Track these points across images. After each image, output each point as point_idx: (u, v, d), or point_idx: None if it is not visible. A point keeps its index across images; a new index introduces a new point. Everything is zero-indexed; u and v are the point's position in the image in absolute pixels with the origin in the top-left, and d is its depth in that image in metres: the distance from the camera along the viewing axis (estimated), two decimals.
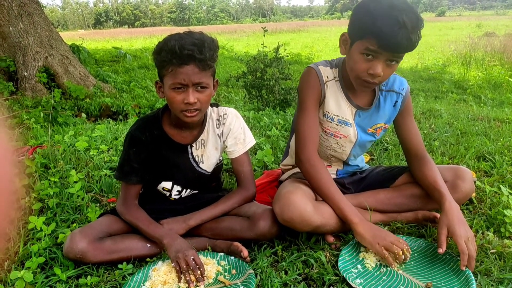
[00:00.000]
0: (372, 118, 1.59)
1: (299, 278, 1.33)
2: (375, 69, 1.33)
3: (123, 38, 21.10)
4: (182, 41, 1.29)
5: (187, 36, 1.32)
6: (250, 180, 1.59)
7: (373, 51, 1.31)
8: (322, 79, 1.51)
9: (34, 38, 4.99)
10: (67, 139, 2.62)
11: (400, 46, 1.27)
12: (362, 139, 1.61)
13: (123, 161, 1.51)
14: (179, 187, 1.59)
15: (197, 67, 1.31)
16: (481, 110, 3.74)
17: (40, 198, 1.84)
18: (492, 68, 7.01)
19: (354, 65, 1.38)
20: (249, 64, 4.08)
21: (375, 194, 1.64)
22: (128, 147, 1.50)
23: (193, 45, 1.29)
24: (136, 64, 8.10)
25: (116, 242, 1.43)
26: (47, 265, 1.43)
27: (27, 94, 4.62)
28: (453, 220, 1.33)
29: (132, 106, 4.31)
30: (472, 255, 1.27)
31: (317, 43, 14.85)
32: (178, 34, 1.34)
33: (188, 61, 1.29)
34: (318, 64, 1.55)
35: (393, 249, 1.31)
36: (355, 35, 1.36)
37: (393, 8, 1.25)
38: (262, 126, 3.10)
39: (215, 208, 1.53)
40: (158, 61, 1.35)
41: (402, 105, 1.58)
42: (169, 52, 1.29)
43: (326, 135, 1.60)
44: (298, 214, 1.37)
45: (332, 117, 1.55)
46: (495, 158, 2.27)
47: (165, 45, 1.31)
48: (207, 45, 1.32)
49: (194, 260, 1.32)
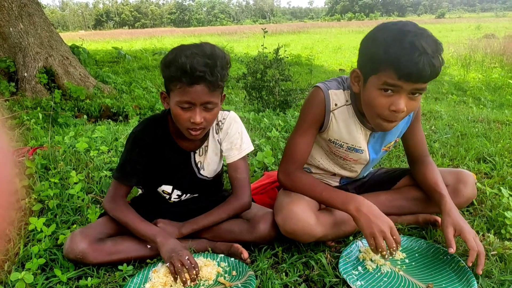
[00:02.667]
0: (386, 137, 1.51)
1: (300, 279, 1.32)
2: (397, 105, 1.18)
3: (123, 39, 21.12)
4: (194, 59, 1.22)
5: (199, 54, 1.24)
6: (244, 189, 1.49)
7: (392, 85, 1.16)
8: (328, 106, 1.39)
9: (34, 38, 4.98)
10: (67, 140, 2.62)
11: (423, 74, 1.11)
12: (373, 158, 1.54)
13: (124, 162, 1.47)
14: (179, 192, 1.57)
15: (207, 88, 1.26)
16: (481, 112, 3.74)
17: (40, 199, 1.84)
18: (492, 70, 7.01)
19: (373, 102, 1.22)
20: (249, 65, 4.08)
21: (376, 196, 1.63)
22: (131, 148, 1.46)
23: (205, 66, 1.23)
24: (136, 65, 8.10)
25: (116, 243, 1.43)
26: (48, 266, 1.42)
27: (27, 95, 4.62)
28: (457, 218, 1.33)
29: (132, 107, 4.31)
30: (482, 251, 1.26)
31: (317, 44, 14.86)
32: (189, 49, 1.25)
33: (198, 81, 1.24)
34: (329, 86, 1.40)
35: (380, 247, 1.23)
36: (368, 69, 1.22)
37: (406, 33, 1.12)
38: (262, 127, 3.10)
39: (207, 218, 1.48)
40: (166, 74, 1.30)
41: (413, 115, 1.52)
42: (179, 69, 1.23)
43: (336, 156, 1.54)
44: (301, 227, 1.35)
45: (341, 144, 1.47)
46: (495, 160, 2.27)
47: (175, 61, 1.25)
48: (219, 64, 1.26)
49: (189, 260, 1.31)
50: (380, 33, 1.18)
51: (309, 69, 6.41)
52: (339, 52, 12.09)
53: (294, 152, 1.45)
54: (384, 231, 1.24)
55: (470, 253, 1.25)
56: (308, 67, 7.36)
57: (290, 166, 1.46)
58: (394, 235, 1.25)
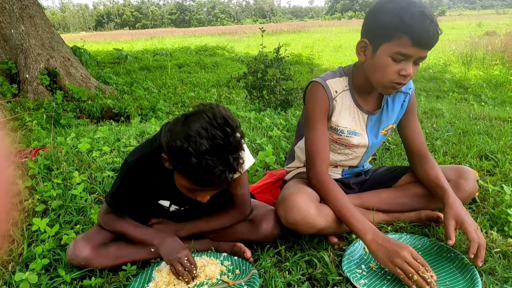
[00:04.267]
0: (383, 120, 1.58)
1: (303, 278, 1.33)
2: (407, 70, 1.30)
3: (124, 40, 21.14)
4: (215, 169, 1.08)
5: (222, 157, 1.09)
6: (245, 203, 1.49)
7: (404, 54, 1.27)
8: (330, 95, 1.47)
9: (35, 40, 5.00)
10: (70, 141, 2.62)
11: (432, 39, 1.25)
12: (373, 143, 1.60)
13: (117, 189, 1.38)
14: (176, 206, 1.54)
15: (225, 184, 1.17)
16: (482, 109, 3.73)
17: (43, 200, 1.84)
18: (493, 67, 7.00)
19: (385, 69, 1.32)
20: (250, 64, 4.08)
21: (378, 193, 1.64)
22: (126, 177, 1.36)
23: (224, 182, 1.13)
24: (137, 65, 8.11)
25: (120, 248, 1.42)
26: (51, 266, 1.43)
27: (29, 96, 4.63)
28: (460, 211, 1.34)
29: (134, 107, 4.31)
30: (482, 244, 1.27)
31: (317, 43, 14.85)
32: (212, 147, 1.07)
33: (214, 186, 1.17)
34: (324, 78, 1.50)
35: (408, 272, 1.18)
36: (379, 38, 1.30)
37: (414, 4, 1.24)
38: (263, 126, 3.10)
39: (206, 224, 1.48)
40: (174, 157, 1.12)
41: (408, 104, 1.59)
42: (200, 178, 1.10)
43: (338, 144, 1.59)
44: (302, 217, 1.36)
45: (341, 130, 1.53)
46: (498, 157, 2.27)
47: (198, 161, 1.06)
48: (241, 161, 1.15)
49: (188, 260, 1.31)
50: (390, 4, 1.28)
51: (310, 68, 6.41)
52: (339, 51, 12.08)
53: (317, 150, 1.48)
54: (405, 256, 1.20)
55: (471, 244, 1.26)
56: (309, 66, 7.36)
57: (318, 165, 1.47)
58: (417, 258, 1.21)
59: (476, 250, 1.26)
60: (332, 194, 1.42)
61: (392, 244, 1.24)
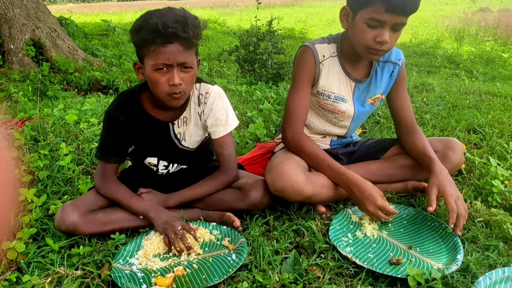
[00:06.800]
0: (370, 89, 1.59)
1: (290, 246, 1.34)
2: (382, 36, 1.32)
3: (112, 12, 20.56)
4: (164, 18, 1.21)
5: (169, 13, 1.24)
6: (231, 164, 1.50)
7: (378, 20, 1.30)
8: (318, 58, 1.50)
9: (20, 10, 4.82)
10: (57, 112, 2.57)
11: (407, 6, 1.27)
12: (359, 111, 1.61)
13: (103, 141, 1.48)
14: (165, 162, 1.56)
15: (181, 46, 1.24)
16: (473, 84, 3.74)
17: (30, 170, 1.82)
18: (485, 43, 6.98)
19: (361, 35, 1.36)
20: (242, 38, 4.01)
21: (366, 165, 1.65)
22: (107, 128, 1.46)
23: (176, 23, 1.21)
24: (126, 38, 7.91)
25: (107, 214, 1.43)
26: (39, 236, 1.43)
27: (14, 67, 4.51)
28: (443, 180, 1.36)
29: (123, 80, 4.23)
30: (462, 214, 1.30)
31: (311, 17, 14.60)
32: (158, 11, 1.25)
33: (172, 39, 1.22)
34: (314, 42, 1.53)
35: (379, 218, 1.38)
36: (357, 4, 1.35)
37: None
38: (254, 100, 3.08)
39: (193, 191, 1.49)
40: (137, 40, 1.27)
41: (398, 76, 1.59)
42: (151, 30, 1.21)
43: (325, 110, 1.60)
44: (290, 184, 1.38)
45: (328, 95, 1.55)
46: (485, 131, 2.29)
47: (146, 23, 1.22)
48: (190, 22, 1.25)
49: (182, 228, 1.33)
50: None
51: (303, 42, 6.33)
52: (333, 25, 11.90)
53: (296, 110, 1.52)
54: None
55: (450, 215, 1.29)
56: (302, 40, 7.27)
57: (295, 124, 1.52)
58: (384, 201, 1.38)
59: (456, 220, 1.29)
60: (311, 150, 1.49)
61: (370, 191, 1.38)
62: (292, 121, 1.52)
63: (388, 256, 1.26)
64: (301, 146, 1.51)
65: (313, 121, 1.65)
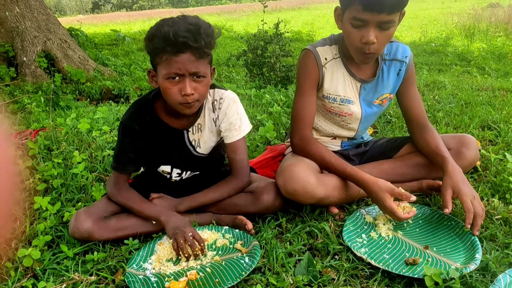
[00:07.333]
0: (378, 89, 1.56)
1: (304, 248, 1.33)
2: (367, 37, 1.29)
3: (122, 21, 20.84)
4: (175, 27, 1.20)
5: (181, 21, 1.23)
6: (243, 170, 1.49)
7: (359, 19, 1.28)
8: (320, 62, 1.49)
9: (31, 22, 4.92)
10: (69, 121, 2.61)
11: (385, 2, 1.22)
12: (367, 113, 1.59)
13: (118, 152, 1.48)
14: (178, 170, 1.56)
15: (193, 56, 1.23)
16: (485, 81, 3.68)
17: (44, 179, 1.84)
18: (496, 39, 6.87)
19: (348, 36, 1.36)
20: (250, 41, 4.02)
21: (379, 164, 1.63)
22: (122, 137, 1.45)
23: (188, 32, 1.20)
24: (136, 46, 8.01)
25: (121, 220, 1.43)
26: (54, 243, 1.44)
27: (27, 79, 4.59)
28: (457, 180, 1.33)
29: (133, 88, 4.28)
30: (479, 213, 1.27)
31: (317, 20, 14.60)
32: (171, 19, 1.24)
33: (183, 49, 1.21)
34: (315, 45, 1.52)
35: (398, 219, 1.32)
36: (343, 5, 1.35)
37: None
38: (264, 103, 3.07)
39: (205, 196, 1.49)
40: (150, 49, 1.27)
41: (406, 73, 1.55)
42: (163, 39, 1.20)
43: (331, 113, 1.59)
44: (302, 186, 1.37)
45: (334, 98, 1.53)
46: (500, 127, 2.25)
47: (158, 31, 1.22)
48: (203, 31, 1.23)
49: (193, 235, 1.32)
50: None
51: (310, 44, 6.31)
52: None
53: (302, 115, 1.51)
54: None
55: (466, 215, 1.26)
56: (309, 42, 7.25)
57: (302, 130, 1.51)
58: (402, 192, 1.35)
59: (473, 220, 1.26)
60: (319, 151, 1.48)
61: (384, 188, 1.34)
62: (298, 127, 1.52)
63: (404, 256, 1.24)
64: (308, 150, 1.49)
65: (321, 125, 1.64)
